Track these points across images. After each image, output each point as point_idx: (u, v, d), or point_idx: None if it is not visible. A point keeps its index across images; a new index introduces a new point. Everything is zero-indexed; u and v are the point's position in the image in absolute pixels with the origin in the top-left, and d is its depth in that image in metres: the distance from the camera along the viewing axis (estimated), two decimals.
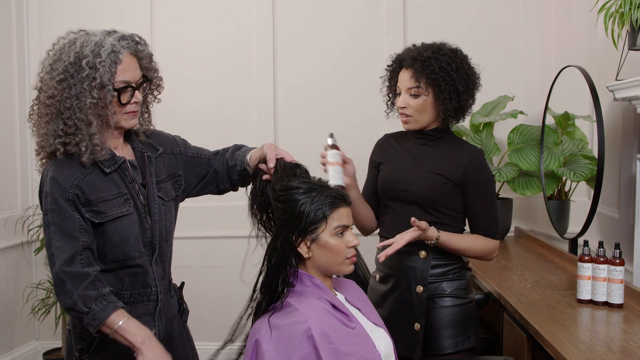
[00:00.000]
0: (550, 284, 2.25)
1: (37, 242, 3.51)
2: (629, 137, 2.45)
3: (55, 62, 1.54)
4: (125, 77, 1.54)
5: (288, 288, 1.49)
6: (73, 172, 1.53)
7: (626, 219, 2.44)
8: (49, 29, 3.64)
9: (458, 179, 1.88)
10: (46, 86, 1.53)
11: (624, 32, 2.14)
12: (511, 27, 3.36)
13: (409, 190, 1.91)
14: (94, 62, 1.49)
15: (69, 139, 1.52)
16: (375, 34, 3.43)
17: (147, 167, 1.67)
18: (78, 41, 1.53)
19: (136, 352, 1.49)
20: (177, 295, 1.78)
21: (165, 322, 1.69)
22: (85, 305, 1.47)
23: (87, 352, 1.59)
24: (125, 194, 1.59)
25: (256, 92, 3.52)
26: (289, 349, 1.35)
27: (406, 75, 1.89)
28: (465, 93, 1.87)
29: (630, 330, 1.74)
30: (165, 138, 1.78)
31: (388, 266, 1.98)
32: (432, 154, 1.93)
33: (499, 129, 3.23)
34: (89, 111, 1.50)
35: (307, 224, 1.46)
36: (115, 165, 1.58)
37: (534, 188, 2.98)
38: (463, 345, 1.91)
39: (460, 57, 1.90)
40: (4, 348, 3.46)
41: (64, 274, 1.48)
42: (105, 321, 1.48)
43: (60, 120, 1.52)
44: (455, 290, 1.93)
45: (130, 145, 1.69)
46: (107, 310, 1.48)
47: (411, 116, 1.90)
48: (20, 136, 3.60)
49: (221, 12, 3.54)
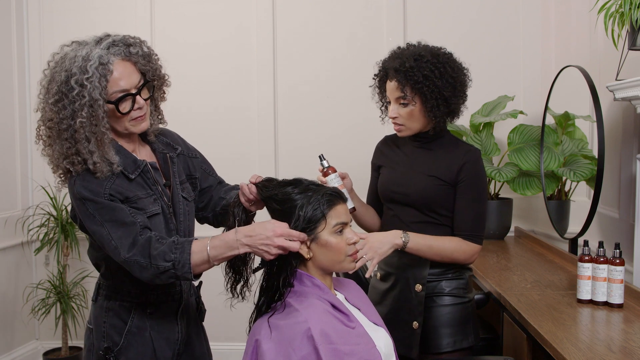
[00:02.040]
0: (550, 284, 2.25)
1: (37, 242, 3.51)
2: (629, 137, 2.45)
3: (50, 82, 1.50)
4: (120, 86, 1.49)
5: (288, 288, 1.49)
6: (100, 182, 1.50)
7: (626, 219, 2.44)
8: (49, 29, 3.64)
9: (452, 179, 1.89)
10: (44, 109, 1.52)
11: (624, 32, 2.14)
12: (511, 27, 3.36)
13: (405, 193, 1.92)
14: (82, 80, 1.44)
15: (74, 158, 1.50)
16: (375, 34, 3.43)
17: (170, 168, 1.67)
18: (67, 57, 1.48)
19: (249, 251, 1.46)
20: (196, 294, 1.79)
21: (186, 322, 1.70)
22: (165, 260, 1.43)
23: (113, 351, 1.59)
24: (152, 195, 1.58)
25: (256, 92, 3.52)
26: (288, 349, 1.35)
27: (392, 86, 1.90)
28: (453, 97, 1.87)
29: (630, 330, 1.74)
30: (177, 138, 1.78)
31: (388, 264, 1.99)
32: (428, 156, 1.94)
33: (499, 129, 3.23)
34: (85, 129, 1.47)
35: (306, 223, 1.46)
36: (138, 170, 1.57)
37: (534, 188, 2.98)
38: (461, 344, 1.92)
39: (443, 60, 1.87)
40: (4, 348, 3.46)
41: (133, 256, 1.44)
42: (191, 260, 1.43)
43: (63, 142, 1.49)
44: (454, 289, 1.93)
45: (149, 146, 1.68)
46: (186, 250, 1.44)
47: (403, 125, 1.92)
48: (20, 136, 3.60)
49: (221, 12, 3.54)
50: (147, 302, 1.61)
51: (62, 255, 3.46)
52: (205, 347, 1.80)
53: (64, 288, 3.45)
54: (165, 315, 1.64)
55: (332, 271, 1.54)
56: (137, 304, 1.61)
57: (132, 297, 1.61)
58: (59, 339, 3.53)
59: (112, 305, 1.62)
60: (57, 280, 3.45)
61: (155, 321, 1.62)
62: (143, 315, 1.61)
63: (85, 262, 3.63)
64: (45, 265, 3.69)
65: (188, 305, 1.72)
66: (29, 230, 3.52)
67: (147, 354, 1.60)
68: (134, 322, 1.60)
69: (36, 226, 3.50)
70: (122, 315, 1.61)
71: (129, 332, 1.59)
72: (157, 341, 1.61)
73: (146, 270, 1.44)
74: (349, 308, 1.55)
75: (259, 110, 3.53)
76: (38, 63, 3.66)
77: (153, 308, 1.61)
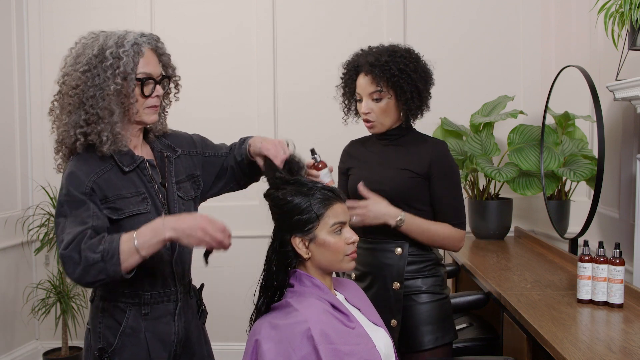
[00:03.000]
0: (550, 284, 2.25)
1: (37, 242, 3.51)
2: (629, 137, 2.45)
3: (79, 55, 1.56)
4: (146, 70, 1.56)
5: (287, 288, 1.49)
6: (92, 169, 1.53)
7: (626, 219, 2.44)
8: (49, 29, 3.64)
9: (424, 170, 1.92)
10: (69, 78, 1.55)
11: (624, 32, 2.14)
12: (511, 27, 3.36)
13: (379, 189, 1.93)
14: (118, 52, 1.52)
15: (90, 128, 1.53)
16: (375, 34, 3.43)
17: (166, 167, 1.68)
18: (101, 36, 1.57)
19: (175, 240, 1.46)
20: (197, 296, 1.78)
21: (185, 323, 1.69)
22: (94, 252, 1.42)
23: (107, 352, 1.59)
24: (142, 193, 1.59)
25: (256, 92, 3.52)
26: (288, 349, 1.35)
27: (366, 81, 1.93)
28: (424, 90, 1.93)
29: (630, 330, 1.74)
30: (182, 138, 1.79)
31: (364, 264, 2.00)
32: (398, 152, 1.97)
33: (499, 129, 3.23)
34: (112, 99, 1.52)
35: (304, 223, 1.46)
36: (134, 164, 1.59)
37: (534, 188, 2.98)
38: (443, 340, 1.95)
39: (414, 56, 1.94)
40: (4, 348, 3.46)
41: (67, 252, 1.44)
42: (119, 249, 1.42)
43: (82, 111, 1.53)
44: (431, 286, 1.97)
45: (149, 145, 1.70)
46: (115, 240, 1.44)
47: (375, 120, 1.95)
48: (20, 136, 3.60)
49: (221, 12, 3.54)
50: (142, 303, 1.61)
51: None
52: (206, 349, 1.79)
53: (64, 288, 3.45)
54: (161, 316, 1.63)
55: (331, 271, 1.54)
56: (131, 305, 1.60)
57: (126, 298, 1.60)
58: (59, 339, 3.53)
59: (107, 305, 1.62)
60: (57, 280, 3.45)
61: (150, 322, 1.61)
62: (138, 316, 1.60)
63: None
64: (45, 265, 3.69)
65: (187, 306, 1.71)
66: (29, 230, 3.52)
67: (141, 356, 1.59)
68: (128, 323, 1.60)
69: (36, 226, 3.50)
70: (117, 316, 1.60)
71: (123, 333, 1.59)
72: (152, 342, 1.60)
73: (77, 266, 1.43)
74: (349, 308, 1.55)
75: (259, 110, 3.53)
76: (38, 63, 3.66)
77: (148, 309, 1.61)
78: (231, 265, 3.43)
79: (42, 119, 3.67)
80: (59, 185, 1.60)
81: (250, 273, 1.63)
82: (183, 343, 1.68)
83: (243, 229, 3.15)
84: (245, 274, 1.77)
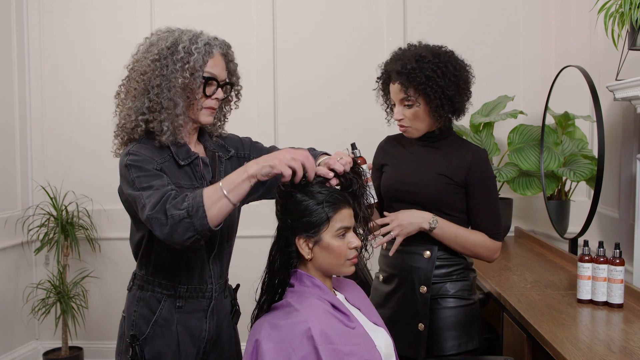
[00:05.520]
0: (550, 284, 2.25)
1: (37, 242, 3.51)
2: (629, 137, 2.45)
3: (152, 45, 1.59)
4: (213, 71, 1.59)
5: (288, 288, 1.49)
6: (153, 156, 1.54)
7: (626, 219, 2.45)
8: (49, 29, 3.64)
9: (461, 179, 1.88)
10: (139, 64, 1.58)
11: (624, 32, 2.14)
12: (511, 27, 3.36)
13: (413, 191, 1.91)
14: (190, 48, 1.55)
15: (152, 116, 1.55)
16: (375, 34, 3.43)
17: (217, 166, 1.69)
18: (177, 31, 1.60)
19: (257, 174, 1.42)
20: (232, 296, 1.79)
21: (217, 322, 1.70)
22: (178, 208, 1.39)
23: (139, 339, 1.61)
24: (196, 187, 1.60)
25: (256, 92, 3.52)
26: (288, 349, 1.35)
27: (395, 88, 1.90)
28: (457, 95, 1.86)
29: (630, 330, 1.74)
30: (235, 141, 1.81)
31: (392, 266, 1.98)
32: (436, 155, 1.93)
33: (499, 129, 3.23)
34: (177, 92, 1.54)
35: (310, 225, 1.46)
36: (189, 159, 1.61)
37: (534, 188, 2.98)
38: (466, 346, 1.90)
39: (444, 59, 1.86)
40: (4, 348, 3.46)
41: (154, 214, 1.41)
42: (203, 201, 1.38)
43: (147, 98, 1.55)
44: (459, 291, 1.92)
45: (202, 145, 1.72)
46: (198, 194, 1.40)
47: (409, 126, 1.92)
48: (20, 136, 3.60)
49: (221, 12, 3.54)
50: (178, 295, 1.62)
51: (62, 255, 3.46)
52: (236, 350, 1.79)
53: (64, 288, 3.45)
54: (194, 311, 1.65)
55: (331, 274, 1.54)
56: (167, 296, 1.63)
57: (163, 289, 1.63)
58: (59, 339, 3.53)
59: (144, 295, 1.64)
60: (57, 280, 3.45)
61: (183, 315, 1.63)
62: (172, 308, 1.63)
63: (85, 262, 3.63)
64: (45, 265, 3.69)
65: (221, 305, 1.72)
66: (29, 230, 3.52)
67: (171, 347, 1.62)
68: (162, 314, 1.62)
69: (36, 226, 3.50)
70: (152, 305, 1.63)
71: (156, 323, 1.61)
72: (183, 336, 1.63)
73: (165, 226, 1.40)
74: (349, 308, 1.55)
75: (259, 110, 3.53)
76: (38, 63, 3.66)
77: (182, 301, 1.63)
78: (232, 266, 3.42)
79: (42, 118, 3.67)
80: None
81: (251, 273, 1.63)
82: (214, 341, 1.70)
83: (245, 229, 3.15)
84: (246, 274, 1.77)
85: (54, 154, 3.66)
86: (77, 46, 3.64)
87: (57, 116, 3.66)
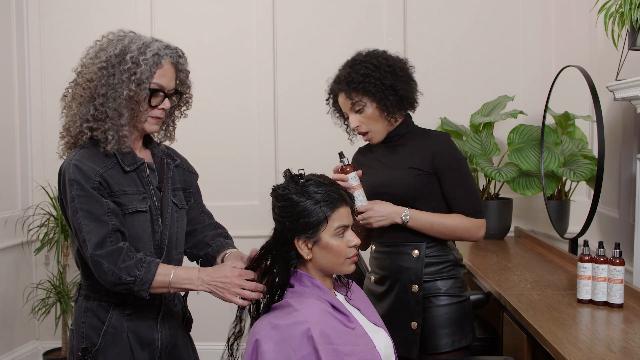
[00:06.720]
0: (550, 284, 2.25)
1: (37, 242, 3.51)
2: (629, 137, 2.45)
3: (101, 50, 1.58)
4: (160, 82, 1.59)
5: (288, 288, 1.49)
6: (96, 164, 1.55)
7: (626, 219, 2.44)
8: (49, 29, 3.64)
9: (429, 166, 1.90)
10: (86, 70, 1.57)
11: (624, 32, 2.14)
12: (511, 27, 3.36)
13: (388, 191, 1.93)
14: (138, 59, 1.54)
15: (97, 124, 1.55)
16: (375, 34, 3.43)
17: (165, 172, 1.69)
18: (127, 38, 1.59)
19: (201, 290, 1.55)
20: (182, 304, 1.78)
21: (170, 330, 1.69)
22: (129, 274, 1.49)
23: (91, 352, 1.59)
24: (143, 193, 1.61)
25: (256, 92, 3.52)
26: (288, 349, 1.35)
27: (341, 99, 1.95)
28: (397, 82, 1.89)
29: (630, 330, 1.74)
30: (184, 162, 1.82)
31: (382, 268, 2.00)
32: (402, 151, 1.96)
33: (499, 129, 3.23)
34: (122, 103, 1.53)
35: (308, 225, 1.46)
36: (134, 165, 1.61)
37: (534, 188, 2.98)
38: (460, 343, 1.92)
39: (376, 55, 1.93)
40: (4, 348, 3.46)
41: (98, 257, 1.49)
42: (153, 282, 1.50)
43: (92, 106, 1.55)
44: (450, 288, 1.94)
45: (149, 150, 1.71)
46: (151, 271, 1.50)
47: (369, 131, 1.94)
48: (20, 136, 3.60)
49: (221, 12, 3.54)
50: (125, 303, 1.61)
51: (62, 255, 3.46)
52: (194, 356, 1.80)
53: (64, 288, 3.45)
54: (144, 319, 1.63)
55: (331, 273, 1.54)
56: (115, 304, 1.61)
57: (109, 297, 1.60)
58: (59, 339, 3.53)
59: (91, 305, 1.62)
60: (57, 280, 3.45)
61: (133, 323, 1.61)
62: (121, 316, 1.61)
63: None
64: (45, 265, 3.69)
65: (171, 312, 1.71)
66: (29, 230, 3.52)
67: (126, 356, 1.59)
68: (111, 322, 1.60)
69: (36, 226, 3.50)
70: (100, 315, 1.60)
71: (107, 333, 1.59)
72: (135, 344, 1.61)
73: (107, 276, 1.50)
74: (349, 309, 1.55)
75: (259, 110, 3.53)
76: (38, 63, 3.66)
77: (131, 309, 1.61)
78: None
79: (42, 119, 3.67)
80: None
81: None
82: (169, 351, 1.69)
83: (243, 229, 3.15)
84: None
85: (54, 154, 3.65)
86: (77, 46, 3.62)
87: (57, 116, 3.64)
